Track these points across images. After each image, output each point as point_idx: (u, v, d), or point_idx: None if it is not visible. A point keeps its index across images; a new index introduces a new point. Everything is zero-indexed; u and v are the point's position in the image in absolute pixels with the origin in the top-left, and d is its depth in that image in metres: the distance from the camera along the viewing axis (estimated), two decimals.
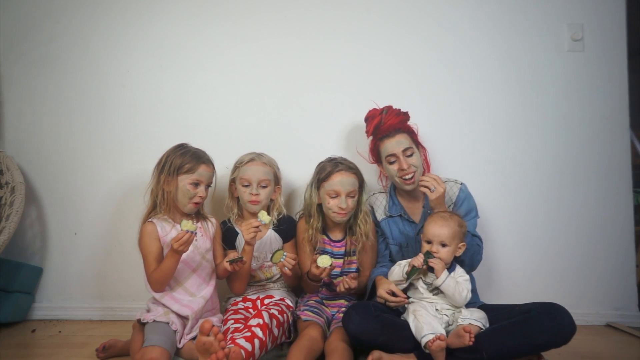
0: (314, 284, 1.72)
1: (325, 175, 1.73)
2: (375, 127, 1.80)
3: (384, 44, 2.17)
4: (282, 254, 1.62)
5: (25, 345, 1.83)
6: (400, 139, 1.75)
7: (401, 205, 1.85)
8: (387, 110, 1.82)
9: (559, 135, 2.13)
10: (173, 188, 1.66)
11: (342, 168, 1.73)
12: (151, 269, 1.61)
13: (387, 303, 1.55)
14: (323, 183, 1.73)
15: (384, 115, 1.79)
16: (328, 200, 1.72)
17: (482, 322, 1.45)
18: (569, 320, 1.40)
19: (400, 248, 1.82)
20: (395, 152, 1.74)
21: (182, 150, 1.70)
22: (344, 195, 1.70)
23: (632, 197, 2.12)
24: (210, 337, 1.22)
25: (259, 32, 2.19)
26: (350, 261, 1.82)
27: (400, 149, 1.74)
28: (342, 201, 1.69)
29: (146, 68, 2.20)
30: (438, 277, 1.49)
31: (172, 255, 1.56)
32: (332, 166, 1.74)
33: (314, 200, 1.77)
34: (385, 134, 1.77)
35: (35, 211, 2.19)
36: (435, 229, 1.54)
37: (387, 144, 1.76)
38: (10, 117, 2.22)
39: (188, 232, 1.51)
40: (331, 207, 1.72)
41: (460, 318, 1.45)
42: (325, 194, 1.73)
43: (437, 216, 1.59)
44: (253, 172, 1.76)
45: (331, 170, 1.72)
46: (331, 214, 1.74)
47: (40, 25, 2.22)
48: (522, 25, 2.16)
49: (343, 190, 1.70)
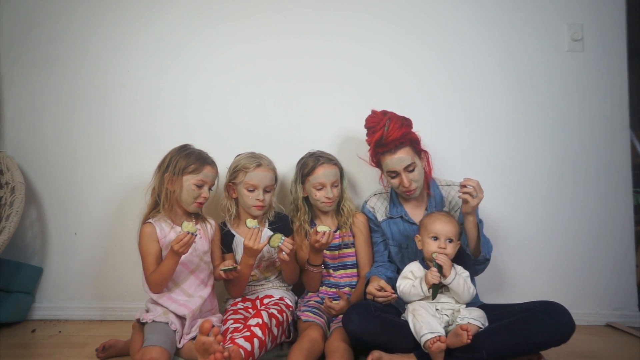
0: (315, 270, 1.74)
1: (309, 170, 1.81)
2: (376, 141, 1.73)
3: (383, 44, 2.17)
4: (280, 237, 1.62)
5: (25, 345, 1.83)
6: (401, 156, 1.70)
7: (402, 207, 1.84)
8: (390, 123, 1.71)
9: (558, 135, 2.13)
10: (177, 188, 1.66)
11: (323, 161, 1.82)
12: (150, 270, 1.61)
13: (375, 299, 1.55)
14: (308, 177, 1.82)
15: (385, 130, 1.70)
16: (315, 193, 1.81)
17: (481, 321, 1.45)
18: (568, 318, 1.40)
19: (400, 249, 1.82)
20: (397, 169, 1.71)
21: (187, 151, 1.71)
22: (329, 185, 1.80)
23: (632, 197, 2.12)
24: (209, 337, 1.22)
25: (259, 32, 2.19)
26: (345, 253, 1.86)
27: (402, 166, 1.70)
28: (328, 191, 1.80)
29: (146, 68, 2.20)
30: (447, 277, 1.49)
31: (171, 257, 1.56)
32: (314, 161, 1.82)
33: (300, 194, 1.84)
34: (387, 150, 1.72)
35: (35, 211, 2.19)
36: (442, 225, 1.55)
37: (388, 160, 1.72)
38: (10, 117, 2.22)
39: (189, 234, 1.52)
40: (319, 199, 1.81)
41: (460, 317, 1.45)
42: (311, 187, 1.81)
43: (439, 214, 1.61)
44: (260, 179, 1.76)
45: (314, 165, 1.81)
46: (319, 204, 1.83)
47: (40, 25, 2.22)
48: (522, 25, 2.16)
49: (327, 182, 1.80)
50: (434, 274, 1.47)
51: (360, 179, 2.13)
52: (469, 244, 1.64)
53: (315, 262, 1.74)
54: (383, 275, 1.71)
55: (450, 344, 1.38)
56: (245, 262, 1.66)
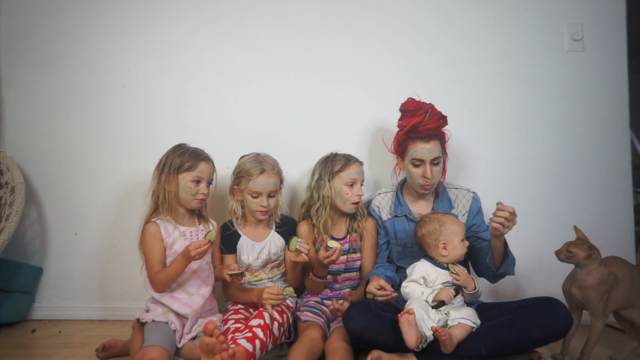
0: (319, 280, 1.72)
1: (342, 166, 1.79)
2: (413, 126, 1.69)
3: (386, 42, 2.17)
4: (297, 240, 1.63)
5: (25, 345, 1.83)
6: (433, 147, 1.69)
7: (407, 206, 1.83)
8: (431, 111, 1.72)
9: (559, 135, 2.13)
10: (174, 187, 1.66)
11: (354, 159, 1.82)
12: (154, 270, 1.61)
13: (375, 298, 1.55)
14: (340, 173, 1.78)
15: (426, 117, 1.69)
16: (346, 191, 1.77)
17: (471, 320, 1.44)
18: (566, 313, 1.41)
19: (403, 249, 1.81)
20: (425, 159, 1.70)
21: (181, 149, 1.71)
22: (359, 183, 1.80)
23: (632, 197, 2.12)
24: (213, 338, 1.22)
25: (259, 30, 2.18)
26: (353, 258, 1.84)
27: (431, 157, 1.69)
28: (358, 189, 1.79)
29: (145, 68, 2.19)
30: (472, 290, 1.51)
31: (183, 260, 1.57)
32: (345, 158, 1.81)
33: (327, 192, 1.79)
34: (421, 137, 1.70)
35: (35, 211, 2.19)
36: (457, 226, 1.59)
37: (419, 147, 1.70)
38: (10, 117, 2.22)
39: (209, 243, 1.54)
40: (349, 197, 1.78)
41: (450, 319, 1.45)
42: (342, 184, 1.78)
43: (446, 216, 1.63)
44: (264, 186, 1.74)
45: (346, 162, 1.80)
46: (347, 204, 1.78)
47: (40, 25, 2.22)
48: (523, 25, 2.16)
49: (359, 179, 1.80)
50: (449, 295, 1.47)
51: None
52: (494, 258, 1.60)
53: (320, 274, 1.71)
54: (382, 274, 1.70)
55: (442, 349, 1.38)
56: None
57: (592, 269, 1.53)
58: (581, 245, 1.55)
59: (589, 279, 1.53)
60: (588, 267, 1.53)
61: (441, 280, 1.53)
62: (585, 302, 1.54)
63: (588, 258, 1.52)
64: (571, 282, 1.59)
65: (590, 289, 1.52)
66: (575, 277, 1.57)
